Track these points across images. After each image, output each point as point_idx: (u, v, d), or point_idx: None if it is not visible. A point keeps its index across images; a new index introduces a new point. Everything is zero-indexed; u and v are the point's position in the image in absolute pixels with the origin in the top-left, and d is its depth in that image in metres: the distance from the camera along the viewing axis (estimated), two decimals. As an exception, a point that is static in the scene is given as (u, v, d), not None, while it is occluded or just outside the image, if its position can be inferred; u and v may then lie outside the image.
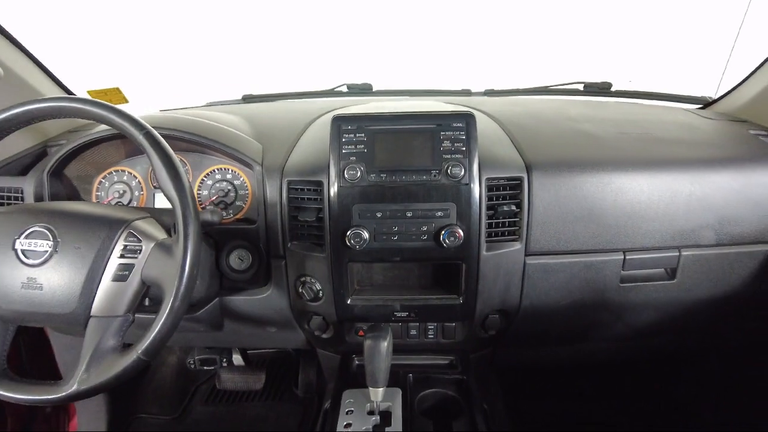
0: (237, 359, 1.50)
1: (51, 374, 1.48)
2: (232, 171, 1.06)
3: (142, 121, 0.73)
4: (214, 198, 1.07)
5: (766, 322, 1.21)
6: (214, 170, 1.07)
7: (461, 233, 0.89)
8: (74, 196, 1.09)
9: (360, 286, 1.01)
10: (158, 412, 1.57)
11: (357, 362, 1.09)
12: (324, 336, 1.08)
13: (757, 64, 1.25)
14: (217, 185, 1.07)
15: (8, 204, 1.03)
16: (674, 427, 1.47)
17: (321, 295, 0.99)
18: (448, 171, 0.89)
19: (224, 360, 1.45)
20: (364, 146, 0.91)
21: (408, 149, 0.91)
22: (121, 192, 1.09)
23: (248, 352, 1.55)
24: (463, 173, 0.89)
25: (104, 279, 0.71)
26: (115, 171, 1.10)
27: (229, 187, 1.05)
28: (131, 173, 1.09)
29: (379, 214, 0.91)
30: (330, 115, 1.12)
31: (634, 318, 1.10)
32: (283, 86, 1.63)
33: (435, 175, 0.90)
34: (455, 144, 0.90)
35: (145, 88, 1.77)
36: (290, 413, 1.52)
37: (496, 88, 1.54)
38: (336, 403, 0.94)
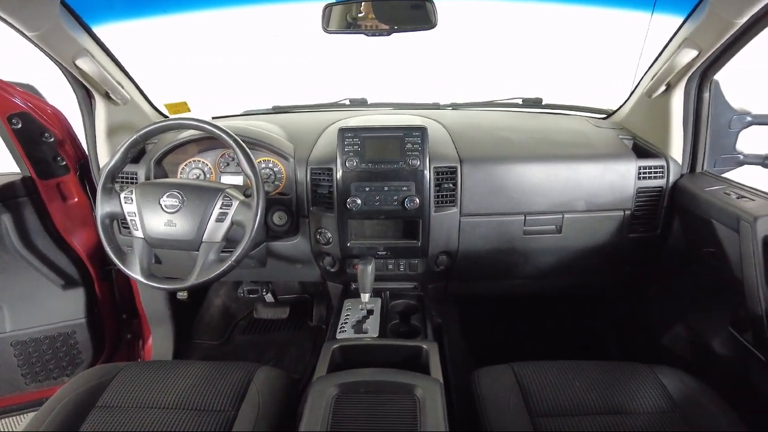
0: (269, 298, 2.08)
1: (134, 310, 2.05)
2: (272, 162, 1.60)
3: (230, 132, 1.29)
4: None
5: (636, 267, 1.77)
6: (261, 161, 1.63)
7: (418, 201, 1.45)
8: (165, 176, 1.64)
9: (355, 236, 1.57)
10: (209, 339, 2.15)
11: (354, 287, 1.65)
12: (332, 270, 1.64)
13: (635, 85, 1.79)
14: (264, 171, 1.63)
15: (130, 182, 1.59)
16: (576, 346, 2.05)
17: (330, 240, 1.55)
18: (410, 162, 1.45)
19: (264, 290, 2.03)
20: (358, 146, 1.47)
21: (385, 148, 1.47)
22: (198, 174, 1.65)
23: (277, 297, 2.13)
24: (418, 164, 1.45)
25: (211, 220, 1.27)
26: (193, 161, 1.66)
27: (270, 172, 1.61)
28: (204, 162, 1.65)
29: (367, 189, 1.47)
30: (335, 126, 1.69)
31: (536, 261, 1.66)
32: (300, 98, 2.21)
33: (401, 165, 1.46)
34: (414, 146, 1.46)
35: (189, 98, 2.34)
36: (306, 338, 2.10)
37: (459, 101, 2.10)
38: (340, 306, 1.51)
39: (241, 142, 1.29)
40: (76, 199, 1.79)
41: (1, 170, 1.70)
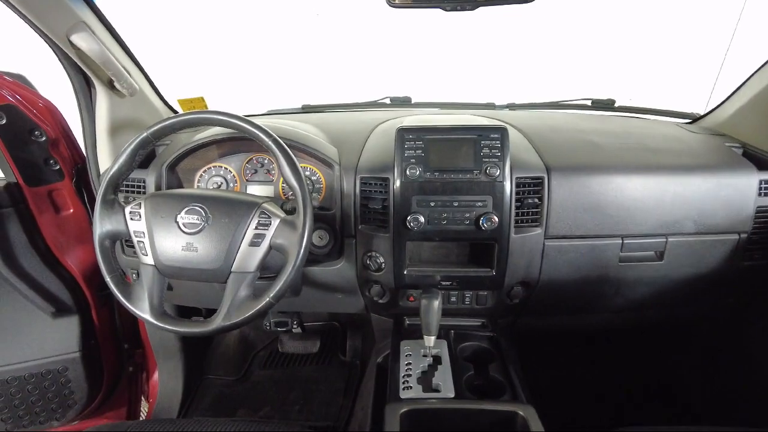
0: (295, 329, 1.77)
1: (137, 338, 1.75)
2: (310, 168, 1.32)
3: (269, 130, 1.00)
4: None
5: (740, 298, 1.48)
6: None
7: (496, 219, 1.16)
8: (180, 186, 1.36)
9: (411, 261, 1.27)
10: (223, 374, 1.84)
11: (408, 322, 1.36)
12: (380, 301, 1.34)
13: (736, 87, 1.51)
14: None
15: (137, 192, 1.30)
16: (664, 390, 1.74)
17: (383, 266, 1.26)
18: (487, 171, 1.16)
19: (294, 323, 1.73)
20: (421, 151, 1.18)
21: (455, 154, 1.18)
22: (219, 183, 1.36)
23: (304, 324, 1.82)
24: (498, 173, 1.16)
25: (243, 244, 0.98)
26: (213, 167, 1.37)
27: (308, 182, 1.32)
28: (227, 168, 1.36)
29: (432, 203, 1.18)
30: (386, 125, 1.40)
31: (630, 292, 1.36)
32: (328, 98, 1.92)
33: (476, 174, 1.17)
34: (492, 150, 1.17)
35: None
36: (338, 375, 1.79)
37: (516, 102, 1.81)
38: (396, 351, 1.21)
39: (284, 144, 1.00)
40: (71, 210, 1.50)
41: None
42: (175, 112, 1.61)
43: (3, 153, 1.33)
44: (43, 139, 1.37)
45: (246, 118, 1.01)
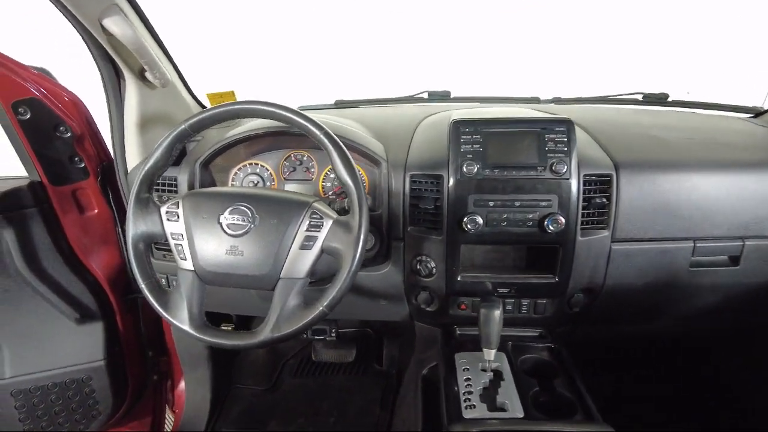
0: (330, 336, 1.67)
1: (162, 345, 1.67)
2: None
3: (321, 123, 0.91)
4: (337, 189, 1.25)
5: None
6: None
7: (562, 221, 1.05)
8: (213, 184, 1.27)
9: (464, 266, 1.18)
10: (252, 383, 1.75)
11: (459, 332, 1.26)
12: (428, 309, 1.24)
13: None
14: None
15: (167, 191, 1.22)
16: (723, 404, 1.61)
17: (434, 272, 1.16)
18: (552, 167, 1.05)
19: (333, 331, 1.63)
20: (479, 146, 1.08)
21: (517, 149, 1.08)
22: (255, 182, 1.27)
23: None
24: (564, 169, 1.05)
25: (293, 247, 0.89)
26: (249, 164, 1.28)
27: None
28: (263, 166, 1.27)
29: (491, 203, 1.08)
30: (434, 119, 1.30)
31: (700, 299, 1.25)
32: (358, 94, 1.82)
33: (540, 171, 1.06)
34: (558, 145, 1.07)
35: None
36: (373, 385, 1.69)
37: (562, 96, 1.70)
38: (450, 364, 1.11)
39: (337, 139, 0.91)
40: (95, 211, 1.42)
41: (2, 173, 1.34)
42: (204, 107, 1.52)
43: (26, 150, 1.25)
44: (68, 135, 1.29)
45: (296, 110, 0.91)
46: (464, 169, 1.07)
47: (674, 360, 1.71)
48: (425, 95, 1.71)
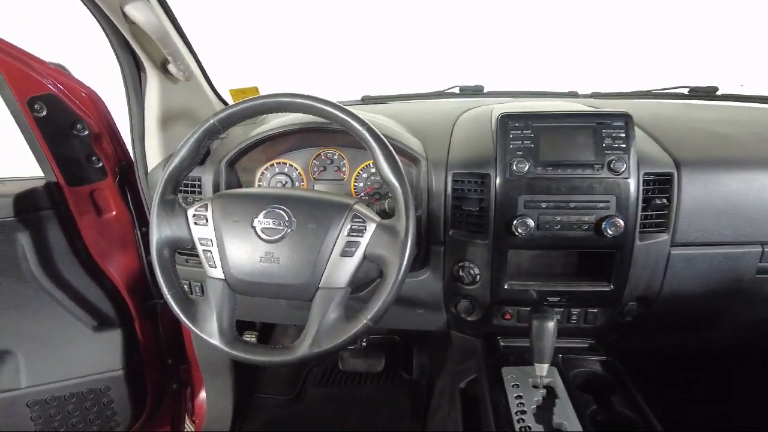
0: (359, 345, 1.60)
1: (182, 353, 1.60)
2: None
3: (364, 118, 0.83)
4: (369, 189, 1.17)
5: None
6: (369, 164, 1.17)
7: (621, 224, 0.96)
8: (239, 185, 1.19)
9: (510, 273, 1.09)
10: (275, 393, 1.67)
11: (503, 343, 1.17)
12: (468, 318, 1.16)
13: None
14: (372, 178, 1.17)
15: (191, 192, 1.14)
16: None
17: (478, 279, 1.07)
18: (611, 166, 0.96)
19: (364, 340, 1.55)
20: (530, 141, 0.99)
21: (571, 145, 0.99)
22: (283, 182, 1.19)
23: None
24: (624, 168, 0.96)
25: (333, 254, 0.81)
26: (276, 163, 1.20)
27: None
28: (292, 165, 1.20)
29: (543, 205, 0.99)
30: (474, 113, 1.21)
31: (763, 307, 1.16)
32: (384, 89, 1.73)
33: (597, 170, 0.97)
34: (616, 141, 0.98)
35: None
36: (402, 395, 1.61)
37: (601, 90, 1.61)
38: (496, 379, 1.02)
39: (381, 134, 0.82)
40: (113, 213, 1.35)
41: (17, 173, 1.28)
42: (226, 104, 1.44)
43: (42, 149, 1.18)
44: (86, 133, 1.22)
45: (337, 103, 0.83)
46: (514, 167, 0.98)
47: (731, 369, 1.61)
48: (456, 90, 1.63)
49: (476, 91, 1.60)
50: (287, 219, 0.81)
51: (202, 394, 1.62)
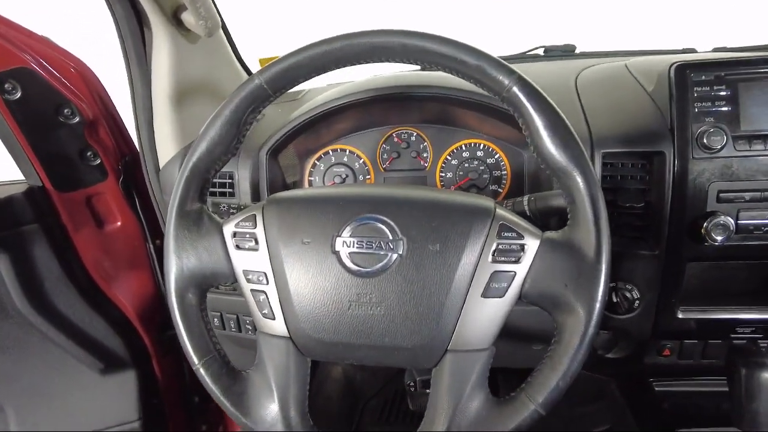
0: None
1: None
2: (484, 146, 0.83)
3: (512, 66, 0.50)
4: (463, 182, 0.85)
5: None
6: (460, 147, 0.85)
7: None
8: (284, 184, 0.88)
9: (685, 295, 0.77)
10: (326, 426, 1.38)
11: (657, 389, 0.85)
12: (608, 355, 0.84)
13: None
14: (466, 165, 0.85)
15: (221, 194, 0.83)
16: None
17: (636, 305, 0.75)
18: None
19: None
20: (726, 103, 0.66)
21: None
22: (343, 176, 0.88)
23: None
24: None
25: (471, 294, 0.49)
26: (332, 150, 0.89)
27: (482, 167, 0.83)
28: (354, 152, 0.88)
29: (747, 197, 0.66)
30: (599, 71, 0.89)
31: None
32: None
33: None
34: None
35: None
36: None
37: (727, 45, 1.26)
38: None
39: (531, 82, 0.49)
40: (118, 223, 1.08)
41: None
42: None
43: (20, 143, 0.89)
44: (76, 120, 0.94)
45: (462, 42, 0.51)
46: (704, 141, 0.65)
47: None
48: (540, 51, 1.29)
49: (566, 52, 1.26)
50: (391, 237, 0.50)
51: None
